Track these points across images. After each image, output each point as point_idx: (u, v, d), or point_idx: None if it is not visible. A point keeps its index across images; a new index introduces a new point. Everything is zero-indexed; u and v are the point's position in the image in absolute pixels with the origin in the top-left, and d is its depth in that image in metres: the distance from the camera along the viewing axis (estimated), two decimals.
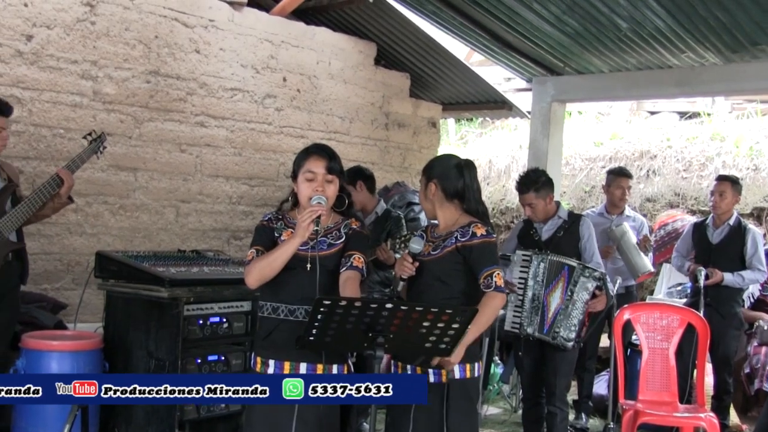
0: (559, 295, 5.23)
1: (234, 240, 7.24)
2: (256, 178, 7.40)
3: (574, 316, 5.17)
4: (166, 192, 6.73)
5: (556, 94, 8.47)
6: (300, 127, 7.73)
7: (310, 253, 3.56)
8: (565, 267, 5.24)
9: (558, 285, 5.25)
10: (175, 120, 6.72)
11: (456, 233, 3.72)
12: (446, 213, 3.84)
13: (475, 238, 3.68)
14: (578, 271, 5.21)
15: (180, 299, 4.81)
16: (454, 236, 3.71)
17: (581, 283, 5.18)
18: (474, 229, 3.70)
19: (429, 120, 9.30)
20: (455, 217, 3.81)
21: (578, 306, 5.17)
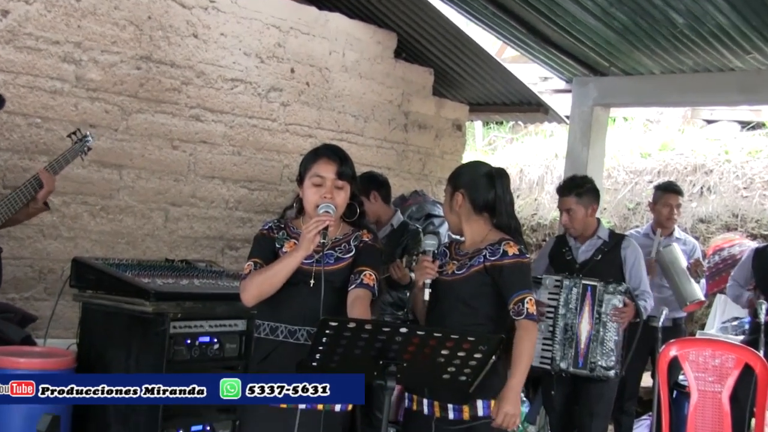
0: (588, 320, 5.25)
1: (229, 250, 7.27)
2: (257, 181, 7.43)
3: (609, 339, 5.18)
4: (154, 193, 6.76)
5: (599, 97, 8.48)
6: (308, 125, 7.76)
7: (315, 267, 3.58)
8: (588, 288, 5.28)
9: (585, 309, 5.27)
10: (167, 112, 6.76)
11: (484, 251, 3.73)
12: (474, 228, 3.85)
13: (506, 257, 3.70)
14: (600, 289, 5.23)
15: (166, 315, 4.82)
16: (482, 254, 3.73)
17: (607, 300, 5.22)
18: (505, 247, 3.72)
19: (454, 122, 9.32)
20: (484, 233, 3.83)
21: (610, 327, 5.19)
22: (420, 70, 8.85)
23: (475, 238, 3.83)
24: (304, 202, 3.70)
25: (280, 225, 3.78)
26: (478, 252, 3.76)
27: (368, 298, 3.58)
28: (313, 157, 3.69)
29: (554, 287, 5.35)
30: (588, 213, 5.52)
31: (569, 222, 5.55)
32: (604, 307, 5.22)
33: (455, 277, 3.75)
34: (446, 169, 9.10)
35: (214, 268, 5.77)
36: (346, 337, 3.03)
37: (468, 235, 3.86)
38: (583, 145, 8.55)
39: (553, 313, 5.31)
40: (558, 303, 5.32)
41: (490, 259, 3.70)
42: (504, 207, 3.83)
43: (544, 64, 8.60)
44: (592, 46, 7.91)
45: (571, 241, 5.67)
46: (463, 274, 3.73)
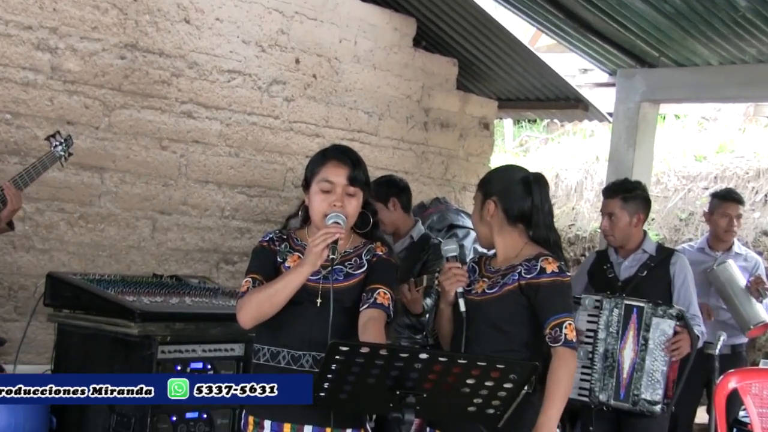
0: (632, 346, 5.23)
1: (225, 264, 7.28)
2: (257, 186, 7.45)
3: (655, 370, 5.15)
4: (140, 199, 6.78)
5: (648, 92, 8.46)
6: (315, 122, 7.78)
7: (323, 285, 3.59)
8: (633, 310, 5.26)
9: (629, 334, 5.25)
10: (155, 108, 6.79)
11: (519, 267, 3.73)
12: (507, 241, 3.85)
13: (543, 275, 3.69)
14: (648, 312, 5.21)
15: (153, 338, 4.84)
16: (516, 271, 3.73)
17: (655, 325, 5.19)
18: (543, 264, 3.71)
19: (480, 120, 9.32)
20: (519, 247, 3.83)
21: (657, 356, 5.16)
22: (442, 61, 8.86)
23: (508, 253, 3.83)
24: (310, 210, 3.70)
25: (283, 236, 3.78)
26: (512, 269, 3.75)
27: (383, 319, 3.58)
28: (321, 159, 3.69)
29: (594, 308, 5.34)
30: (632, 222, 5.52)
31: (609, 228, 5.56)
32: (652, 332, 5.20)
33: (485, 296, 3.74)
34: (472, 174, 9.10)
35: (208, 284, 5.78)
36: (359, 364, 3.02)
37: (500, 250, 3.85)
38: (628, 146, 8.53)
39: (592, 338, 5.29)
40: (597, 326, 5.31)
41: (526, 277, 3.69)
42: (542, 218, 3.83)
43: (584, 53, 8.59)
44: (639, 34, 7.90)
45: (612, 256, 5.66)
46: (495, 293, 3.73)
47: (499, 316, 3.71)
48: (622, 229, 5.54)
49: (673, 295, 5.46)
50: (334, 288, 3.54)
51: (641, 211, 5.56)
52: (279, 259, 3.71)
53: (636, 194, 5.57)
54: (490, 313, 3.71)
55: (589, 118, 9.78)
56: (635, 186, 5.65)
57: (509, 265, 3.78)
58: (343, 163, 3.65)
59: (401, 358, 3.03)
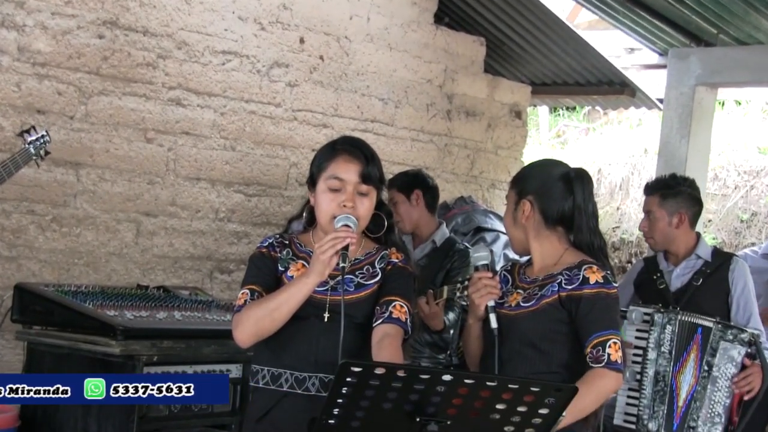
0: (692, 371, 5.22)
1: (219, 273, 7.30)
2: (256, 184, 7.46)
3: (717, 402, 5.14)
4: (122, 199, 6.80)
5: (704, 75, 8.45)
6: (322, 111, 7.80)
7: (331, 297, 3.61)
8: (698, 329, 5.24)
9: (690, 357, 5.24)
10: (139, 94, 6.80)
11: (560, 277, 3.73)
12: (545, 246, 3.86)
13: (586, 285, 3.69)
14: (717, 334, 5.19)
15: (138, 358, 4.86)
16: (556, 281, 3.73)
17: (723, 350, 5.17)
18: (586, 273, 3.71)
19: (512, 107, 9.33)
20: (558, 253, 3.83)
21: (722, 386, 5.15)
22: (468, 41, 8.87)
23: (546, 261, 3.83)
24: (316, 211, 3.71)
25: (285, 242, 3.79)
26: (550, 278, 3.75)
27: (400, 336, 3.59)
28: (330, 153, 3.71)
29: (642, 322, 5.33)
30: (672, 222, 5.53)
31: (648, 229, 5.59)
32: (718, 358, 5.16)
33: (520, 310, 3.75)
34: (502, 169, 9.11)
35: (200, 297, 5.80)
36: (373, 387, 3.03)
37: (537, 256, 3.86)
38: (681, 137, 8.53)
39: (641, 357, 5.29)
40: (647, 344, 5.29)
41: (567, 288, 3.69)
42: (585, 220, 3.81)
43: (631, 31, 8.59)
44: (695, 7, 7.89)
45: (662, 264, 5.66)
46: (532, 307, 3.73)
47: (537, 332, 3.71)
48: (661, 231, 5.55)
49: (731, 307, 5.45)
50: (344, 301, 3.54)
51: (684, 210, 5.55)
52: (281, 267, 3.73)
53: (678, 191, 5.57)
54: (526, 330, 3.71)
55: (636, 105, 9.78)
56: (678, 182, 5.65)
57: (547, 274, 3.78)
58: (355, 158, 3.67)
59: (422, 380, 3.04)
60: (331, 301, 3.61)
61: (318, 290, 3.59)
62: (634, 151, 11.61)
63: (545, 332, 3.71)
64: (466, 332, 3.95)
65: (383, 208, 3.80)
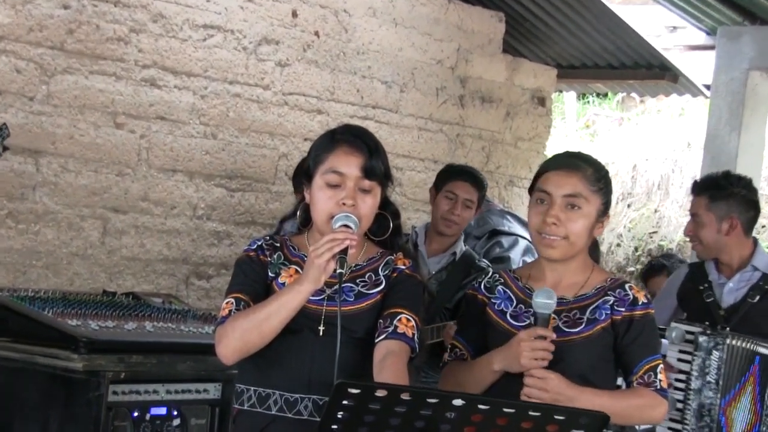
0: (749, 407, 5.19)
1: (198, 279, 7.31)
2: (239, 178, 7.47)
3: None
4: (87, 193, 6.80)
5: (759, 57, 8.44)
6: (317, 95, 7.81)
7: (327, 307, 3.63)
8: (755, 358, 5.23)
9: (744, 390, 5.21)
10: (108, 73, 6.81)
11: (609, 297, 3.80)
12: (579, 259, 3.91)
13: (637, 306, 3.79)
14: None
15: (103, 374, 4.84)
16: (607, 302, 3.80)
17: None
18: (634, 293, 3.81)
19: (534, 93, 9.34)
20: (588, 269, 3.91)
21: None
22: (485, 16, 8.88)
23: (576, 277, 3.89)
24: (312, 210, 3.73)
25: (276, 244, 3.81)
26: (597, 296, 3.82)
27: (405, 354, 3.61)
28: (328, 143, 3.73)
29: (684, 342, 5.29)
30: (722, 228, 5.48)
31: (693, 234, 5.55)
32: None
33: (568, 337, 3.77)
34: (521, 164, 9.12)
35: (175, 305, 5.80)
36: (374, 412, 3.04)
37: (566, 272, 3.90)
38: (731, 129, 8.51)
39: (684, 383, 5.26)
40: (690, 370, 5.26)
41: (620, 311, 3.78)
42: None
43: (674, 6, 8.59)
44: None
45: (712, 274, 5.63)
46: (583, 333, 3.77)
47: (588, 362, 3.77)
48: (708, 237, 5.50)
49: None
50: (342, 312, 3.55)
51: (736, 215, 5.51)
52: (270, 273, 3.75)
53: (730, 192, 5.52)
54: (576, 360, 3.75)
55: (678, 91, 9.79)
56: (732, 182, 5.60)
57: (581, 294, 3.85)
58: (357, 149, 3.68)
59: (429, 405, 3.04)
60: (327, 312, 3.62)
61: (313, 300, 3.60)
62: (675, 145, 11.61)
63: (595, 362, 3.77)
64: (477, 376, 3.87)
65: (389, 207, 3.81)
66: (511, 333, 3.79)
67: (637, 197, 11.21)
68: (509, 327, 3.84)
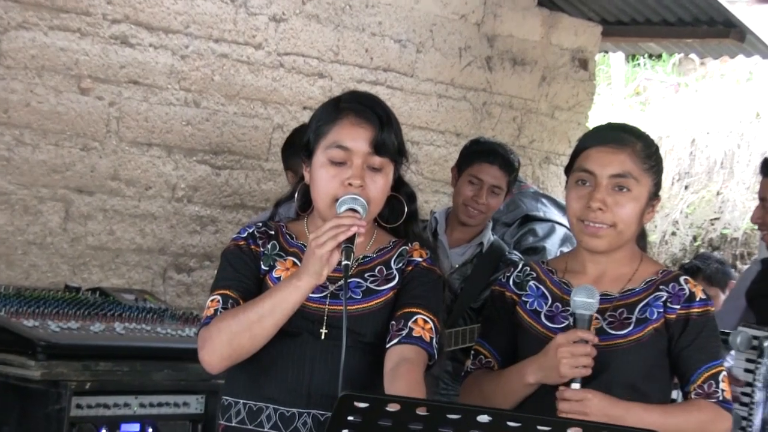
0: None
1: (177, 272, 7.32)
2: (227, 153, 7.48)
3: None
4: (46, 170, 6.82)
5: None
6: (318, 56, 7.82)
7: (330, 306, 3.66)
8: None
9: None
10: (71, 29, 6.82)
11: (661, 293, 3.83)
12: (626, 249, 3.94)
13: (694, 303, 3.81)
14: None
15: (65, 384, 4.88)
16: (658, 299, 3.82)
17: None
18: (690, 287, 3.83)
19: (575, 54, 9.34)
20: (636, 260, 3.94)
21: None
22: None
23: (622, 269, 3.92)
24: (312, 191, 3.75)
25: (270, 232, 3.83)
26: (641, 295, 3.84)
27: (422, 361, 3.62)
28: (331, 113, 3.74)
29: (750, 348, 5.31)
30: None
31: (762, 219, 5.56)
32: None
33: (615, 341, 3.79)
34: (560, 137, 9.15)
35: (151, 303, 5.83)
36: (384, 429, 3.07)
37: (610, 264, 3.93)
38: None
39: (749, 396, 5.29)
40: (754, 380, 5.30)
41: (674, 308, 3.80)
42: None
43: None
44: None
45: None
46: (633, 335, 3.79)
47: (640, 369, 3.79)
48: None
49: None
50: (348, 312, 3.54)
51: None
52: (264, 266, 3.77)
53: None
54: (626, 367, 3.77)
55: (746, 52, 9.79)
56: None
57: (627, 290, 3.87)
58: (365, 120, 3.69)
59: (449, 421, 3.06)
60: (330, 312, 3.65)
61: (313, 297, 3.63)
62: (741, 115, 11.60)
63: (649, 368, 3.79)
64: (507, 390, 3.90)
65: (403, 188, 3.84)
66: (546, 337, 3.81)
67: (696, 177, 11.20)
68: (543, 329, 3.87)
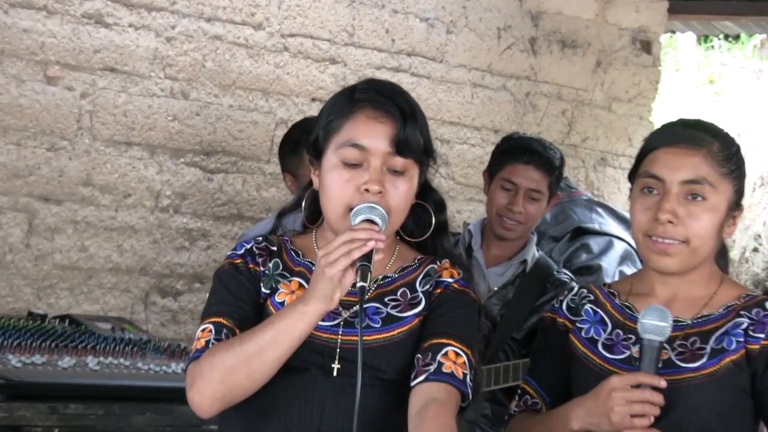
0: None
1: (161, 297, 7.34)
2: (221, 154, 7.51)
3: None
4: (6, 175, 6.85)
5: None
6: (329, 37, 7.85)
7: (343, 336, 3.66)
8: None
9: None
10: (36, 6, 6.85)
11: (741, 320, 3.81)
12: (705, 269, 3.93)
13: None
14: None
15: (28, 430, 4.89)
16: (738, 326, 3.81)
17: None
18: None
19: (635, 35, 9.36)
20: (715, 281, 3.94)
21: None
22: None
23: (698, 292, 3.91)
24: (322, 199, 3.75)
25: (272, 248, 3.83)
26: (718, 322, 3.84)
27: (454, 402, 3.61)
28: (345, 106, 3.74)
29: None
30: None
31: None
32: None
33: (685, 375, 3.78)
34: (618, 134, 9.16)
35: (130, 333, 5.84)
36: None
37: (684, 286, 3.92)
38: None
39: None
40: None
41: (758, 338, 3.78)
42: None
43: None
44: None
45: None
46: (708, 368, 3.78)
47: (717, 410, 3.77)
48: None
49: None
50: (364, 343, 3.53)
51: None
52: (264, 289, 3.77)
53: None
54: (701, 407, 3.76)
55: None
56: None
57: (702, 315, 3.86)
58: (385, 114, 3.69)
59: None
60: (343, 343, 3.64)
61: (323, 326, 3.63)
62: None
63: (725, 409, 3.77)
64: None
65: (430, 195, 3.83)
66: (603, 369, 3.82)
67: None
68: (600, 360, 3.87)
